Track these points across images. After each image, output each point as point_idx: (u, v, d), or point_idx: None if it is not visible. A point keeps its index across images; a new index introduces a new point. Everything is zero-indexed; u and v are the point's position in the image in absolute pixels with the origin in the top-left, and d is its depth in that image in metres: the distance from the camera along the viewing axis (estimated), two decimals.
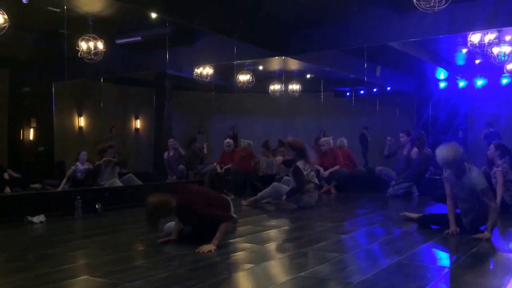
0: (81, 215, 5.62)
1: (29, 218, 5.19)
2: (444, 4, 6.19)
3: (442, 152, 4.10)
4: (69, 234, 4.77)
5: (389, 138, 8.43)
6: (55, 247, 3.94)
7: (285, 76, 12.14)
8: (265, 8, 8.15)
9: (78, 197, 5.70)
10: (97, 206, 6.00)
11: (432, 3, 6.26)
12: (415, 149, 7.91)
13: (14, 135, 11.21)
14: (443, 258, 3.50)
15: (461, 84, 12.66)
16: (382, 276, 2.85)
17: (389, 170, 8.46)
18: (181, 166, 9.52)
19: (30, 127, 11.16)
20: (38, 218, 5.23)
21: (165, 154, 9.85)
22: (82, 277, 2.94)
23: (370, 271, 2.95)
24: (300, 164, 6.34)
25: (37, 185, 8.59)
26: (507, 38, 9.11)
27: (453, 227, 4.17)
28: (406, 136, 8.09)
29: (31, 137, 11.23)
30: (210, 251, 3.54)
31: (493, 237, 3.98)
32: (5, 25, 6.88)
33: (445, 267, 3.13)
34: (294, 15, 8.93)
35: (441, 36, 8.92)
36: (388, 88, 13.83)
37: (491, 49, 8.82)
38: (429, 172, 8.10)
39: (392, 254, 3.66)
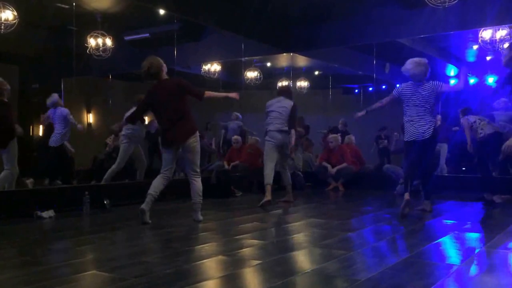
0: (89, 211, 5.67)
1: (39, 213, 5.24)
2: None
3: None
4: (77, 229, 4.80)
5: (395, 133, 8.35)
6: (63, 242, 3.97)
7: (293, 73, 12.10)
8: (273, 5, 8.14)
9: (87, 192, 5.74)
10: (105, 202, 6.04)
11: None
12: None
13: (23, 131, 11.26)
14: (451, 256, 3.47)
15: (472, 81, 12.54)
16: (389, 273, 2.84)
17: (397, 168, 8.41)
18: None
19: (40, 123, 11.23)
20: (47, 213, 5.27)
21: None
22: (89, 272, 2.96)
23: (377, 269, 2.94)
24: None
25: (59, 182, 8.62)
26: None
27: None
28: None
29: (41, 133, 11.28)
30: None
31: (503, 234, 3.96)
32: (14, 21, 6.94)
33: (453, 265, 3.10)
34: (301, 12, 8.91)
35: (451, 32, 8.85)
36: (397, 85, 13.70)
37: (502, 45, 8.72)
38: (438, 169, 8.04)
39: (399, 251, 3.64)
